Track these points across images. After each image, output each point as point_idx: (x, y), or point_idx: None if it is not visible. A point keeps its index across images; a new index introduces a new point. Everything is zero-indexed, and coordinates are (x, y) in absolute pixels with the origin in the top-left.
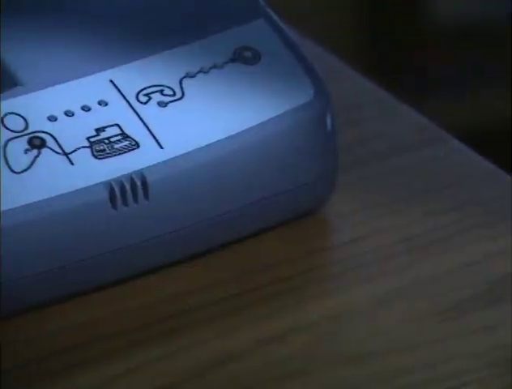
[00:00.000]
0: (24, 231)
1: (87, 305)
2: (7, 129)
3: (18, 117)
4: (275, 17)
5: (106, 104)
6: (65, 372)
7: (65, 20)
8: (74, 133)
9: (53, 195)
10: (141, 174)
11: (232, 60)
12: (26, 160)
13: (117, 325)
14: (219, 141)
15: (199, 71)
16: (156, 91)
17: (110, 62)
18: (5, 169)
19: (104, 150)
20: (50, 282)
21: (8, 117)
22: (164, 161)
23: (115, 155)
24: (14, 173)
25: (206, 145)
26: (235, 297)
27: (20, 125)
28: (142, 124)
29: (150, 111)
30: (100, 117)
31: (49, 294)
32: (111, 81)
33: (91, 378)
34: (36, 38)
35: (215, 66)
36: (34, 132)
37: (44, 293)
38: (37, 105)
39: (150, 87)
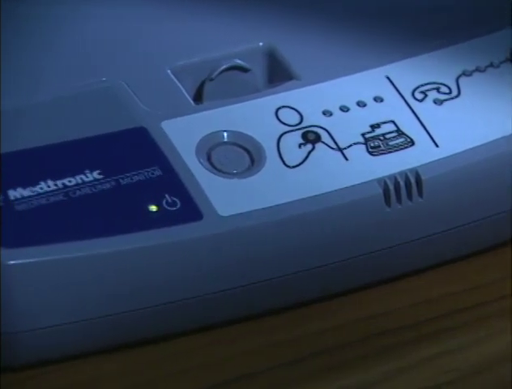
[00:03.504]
0: (297, 225)
1: (354, 303)
2: (282, 122)
3: (293, 110)
4: None
5: (382, 101)
6: (334, 370)
7: (337, 16)
8: (349, 128)
9: (326, 191)
10: (415, 172)
11: (509, 59)
12: (300, 154)
13: (387, 323)
14: (494, 141)
15: (475, 70)
16: (432, 89)
17: (386, 58)
18: (278, 163)
19: (379, 146)
20: (318, 278)
21: (283, 110)
22: (439, 159)
23: (390, 152)
24: (288, 167)
25: (482, 144)
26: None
27: (295, 119)
28: (417, 121)
29: (425, 108)
30: (375, 113)
31: (316, 290)
32: (387, 77)
33: (361, 376)
34: (312, 33)
35: (491, 65)
36: (309, 126)
37: (313, 290)
38: (312, 100)
39: (426, 84)
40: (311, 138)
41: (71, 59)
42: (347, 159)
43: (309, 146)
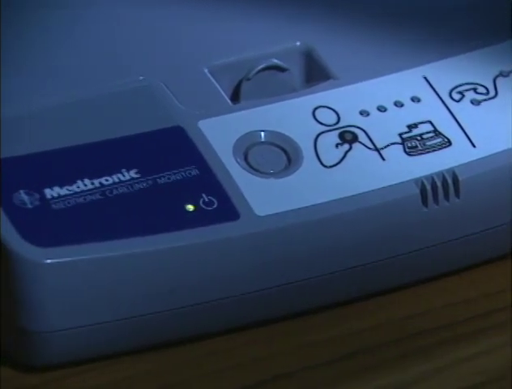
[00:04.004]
0: (334, 225)
1: (391, 303)
2: (319, 122)
3: (330, 110)
4: None
5: (419, 101)
6: (371, 370)
7: (374, 15)
8: (386, 128)
9: (363, 191)
10: (453, 172)
11: None
12: (337, 154)
13: (424, 323)
14: None
15: None
16: (470, 89)
17: (423, 58)
18: (315, 163)
19: (416, 147)
20: (355, 278)
21: (320, 110)
22: (476, 160)
23: (427, 152)
24: (325, 167)
25: None
26: None
27: (332, 118)
28: (454, 122)
29: (463, 109)
30: (412, 114)
31: (353, 290)
32: (424, 77)
33: (398, 375)
34: (350, 33)
35: None
36: (346, 126)
37: (350, 290)
38: (350, 99)
39: (463, 84)
40: (348, 138)
41: (110, 58)
42: (384, 159)
43: (346, 146)
